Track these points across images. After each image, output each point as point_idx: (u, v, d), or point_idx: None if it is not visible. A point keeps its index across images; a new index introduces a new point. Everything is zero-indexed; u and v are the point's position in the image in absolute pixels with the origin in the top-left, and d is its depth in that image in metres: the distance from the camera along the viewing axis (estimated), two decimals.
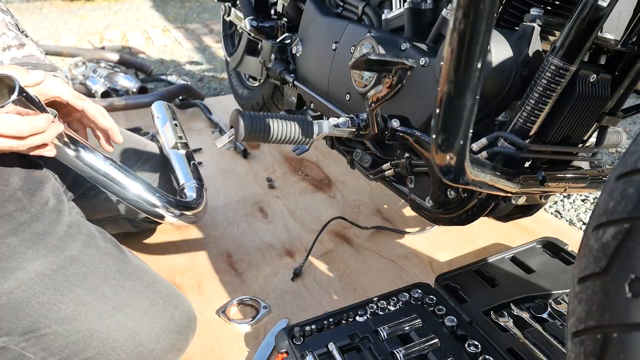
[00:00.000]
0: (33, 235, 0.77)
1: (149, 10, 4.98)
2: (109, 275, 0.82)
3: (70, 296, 0.76)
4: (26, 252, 0.75)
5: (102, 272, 0.81)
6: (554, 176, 0.83)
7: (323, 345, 0.92)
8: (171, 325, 0.84)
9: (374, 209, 1.46)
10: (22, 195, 0.81)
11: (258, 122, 0.79)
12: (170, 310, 0.85)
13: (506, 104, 0.85)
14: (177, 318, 0.86)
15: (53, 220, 0.82)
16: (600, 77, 0.79)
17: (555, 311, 0.99)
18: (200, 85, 2.82)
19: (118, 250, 0.88)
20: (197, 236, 1.34)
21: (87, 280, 0.79)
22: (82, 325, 0.76)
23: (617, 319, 0.42)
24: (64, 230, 0.82)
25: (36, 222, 0.79)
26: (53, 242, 0.79)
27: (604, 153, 1.88)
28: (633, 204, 0.44)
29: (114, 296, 0.80)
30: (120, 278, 0.82)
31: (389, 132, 0.90)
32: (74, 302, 0.76)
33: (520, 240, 1.26)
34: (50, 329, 0.74)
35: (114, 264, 0.84)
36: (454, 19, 0.48)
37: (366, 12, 1.17)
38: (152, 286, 0.86)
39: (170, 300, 0.87)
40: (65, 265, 0.78)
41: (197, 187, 1.13)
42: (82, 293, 0.77)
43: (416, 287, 1.07)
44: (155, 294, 0.85)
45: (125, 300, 0.81)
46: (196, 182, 1.15)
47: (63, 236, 0.81)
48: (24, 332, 0.73)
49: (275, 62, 1.41)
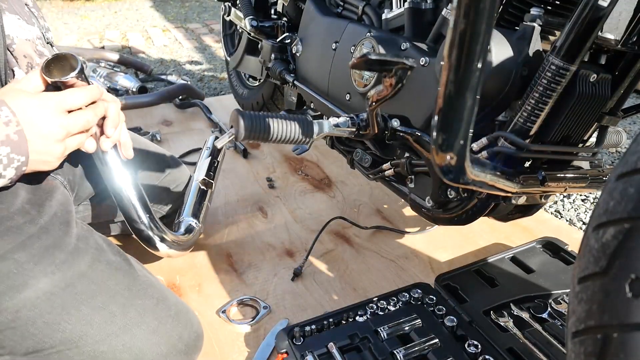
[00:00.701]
0: (41, 249, 0.75)
1: (149, 10, 4.98)
2: (118, 292, 0.79)
3: (76, 316, 0.74)
4: (34, 268, 0.73)
5: (111, 290, 0.79)
6: (554, 176, 0.83)
7: (323, 345, 0.92)
8: (179, 346, 0.82)
9: (374, 209, 1.46)
10: (31, 207, 0.79)
11: (258, 121, 0.79)
12: (179, 330, 0.83)
13: (506, 104, 0.84)
14: (185, 338, 0.83)
15: (62, 232, 0.79)
16: (600, 77, 0.79)
17: (555, 311, 0.99)
18: (200, 85, 2.82)
19: (127, 264, 0.85)
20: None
21: (95, 298, 0.76)
22: (87, 346, 0.74)
23: (617, 319, 0.42)
24: (73, 244, 0.79)
25: (45, 234, 0.77)
26: (62, 257, 0.76)
27: (604, 153, 1.88)
28: (633, 204, 0.44)
29: (123, 315, 0.77)
30: (129, 295, 0.80)
31: (389, 131, 0.90)
32: (80, 322, 0.74)
33: (520, 240, 1.26)
34: (54, 349, 0.72)
35: (124, 280, 0.81)
36: (454, 18, 0.48)
37: (366, 11, 1.17)
38: (162, 304, 0.83)
39: (180, 319, 0.84)
40: (73, 283, 0.75)
41: (194, 227, 1.13)
42: (89, 312, 0.75)
43: (416, 287, 1.07)
44: (165, 313, 0.82)
45: (134, 319, 0.78)
46: (195, 223, 1.14)
47: (72, 250, 0.78)
48: (27, 352, 0.71)
49: (275, 61, 1.41)
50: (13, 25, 0.87)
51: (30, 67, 0.89)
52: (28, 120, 0.69)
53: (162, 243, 1.00)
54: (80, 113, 0.76)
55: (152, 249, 1.00)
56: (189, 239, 1.10)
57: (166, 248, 1.01)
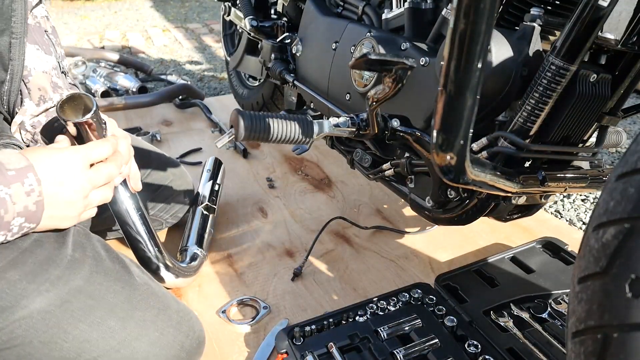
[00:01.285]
0: (35, 265, 0.72)
1: (149, 10, 4.98)
2: (116, 305, 0.76)
3: (73, 333, 0.71)
4: (27, 287, 0.70)
5: (109, 303, 0.76)
6: (554, 176, 0.83)
7: (323, 345, 0.92)
8: (181, 355, 0.80)
9: (374, 209, 1.46)
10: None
11: (258, 121, 0.79)
12: (181, 339, 0.81)
13: (506, 104, 0.84)
14: (187, 346, 0.82)
15: (58, 244, 0.76)
16: (600, 77, 0.79)
17: (555, 311, 0.99)
18: (200, 84, 2.82)
19: (126, 272, 0.82)
20: None
21: (93, 313, 0.74)
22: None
23: (617, 319, 0.42)
24: (69, 256, 0.76)
25: (39, 247, 0.73)
26: (56, 272, 0.73)
27: (604, 153, 1.88)
28: (633, 204, 0.44)
29: (122, 330, 0.75)
30: (129, 308, 0.77)
31: (389, 131, 0.90)
32: (78, 339, 0.72)
33: (520, 240, 1.26)
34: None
35: (123, 292, 0.78)
36: (454, 18, 0.48)
37: (366, 11, 1.17)
38: (163, 314, 0.81)
39: (182, 328, 0.82)
40: (69, 299, 0.72)
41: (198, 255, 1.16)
42: (87, 329, 0.72)
43: (416, 287, 1.07)
44: (166, 323, 0.80)
45: (134, 333, 0.76)
46: (200, 251, 1.17)
47: (68, 264, 0.75)
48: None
49: (275, 61, 1.41)
50: (32, 56, 0.87)
51: (43, 100, 0.89)
52: (53, 184, 0.68)
53: (169, 273, 1.03)
54: (103, 166, 0.76)
55: (160, 281, 1.01)
56: (194, 267, 1.13)
57: (173, 278, 1.04)
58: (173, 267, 1.03)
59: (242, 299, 1.10)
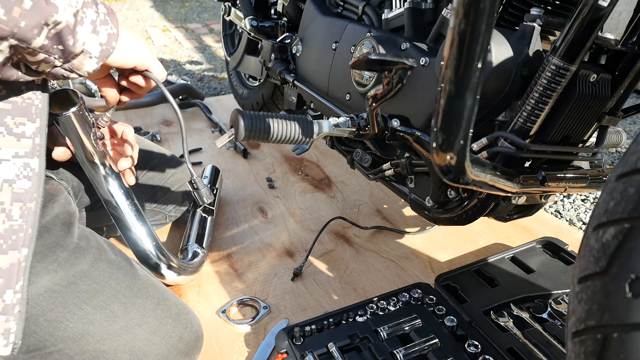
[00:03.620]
0: (43, 247, 0.75)
1: (149, 10, 4.98)
2: (119, 292, 0.79)
3: (78, 314, 0.74)
4: (36, 265, 0.73)
5: (112, 289, 0.79)
6: (554, 176, 0.83)
7: (323, 345, 0.92)
8: (179, 347, 0.82)
9: (374, 209, 1.46)
10: None
11: (258, 121, 0.79)
12: (180, 331, 0.83)
13: (506, 104, 0.84)
14: (185, 338, 0.84)
15: (64, 232, 0.79)
16: (600, 76, 0.79)
17: (555, 311, 0.99)
18: (200, 84, 2.82)
19: (128, 263, 0.85)
20: None
21: (97, 297, 0.76)
22: (88, 345, 0.74)
23: (617, 319, 0.42)
24: (75, 243, 0.79)
25: (47, 233, 0.77)
26: (64, 255, 0.76)
27: (604, 153, 1.88)
28: (633, 204, 0.44)
29: (124, 315, 0.77)
30: (130, 295, 0.80)
31: (389, 131, 0.90)
32: (82, 320, 0.74)
33: (520, 240, 1.26)
34: (55, 347, 0.72)
35: (125, 280, 0.81)
36: (454, 18, 0.48)
37: (366, 11, 1.17)
38: (163, 304, 0.83)
39: (180, 319, 0.84)
40: (75, 281, 0.76)
41: (199, 253, 1.17)
42: (91, 311, 0.75)
43: (416, 287, 1.07)
44: (166, 313, 0.83)
45: (135, 319, 0.78)
46: (201, 250, 1.18)
47: (74, 249, 0.78)
48: (29, 350, 0.71)
49: (275, 61, 1.41)
50: None
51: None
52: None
53: (169, 271, 1.03)
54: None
55: (160, 277, 1.01)
56: (195, 264, 1.13)
57: (174, 275, 1.05)
58: (174, 263, 1.03)
59: (242, 299, 1.10)
